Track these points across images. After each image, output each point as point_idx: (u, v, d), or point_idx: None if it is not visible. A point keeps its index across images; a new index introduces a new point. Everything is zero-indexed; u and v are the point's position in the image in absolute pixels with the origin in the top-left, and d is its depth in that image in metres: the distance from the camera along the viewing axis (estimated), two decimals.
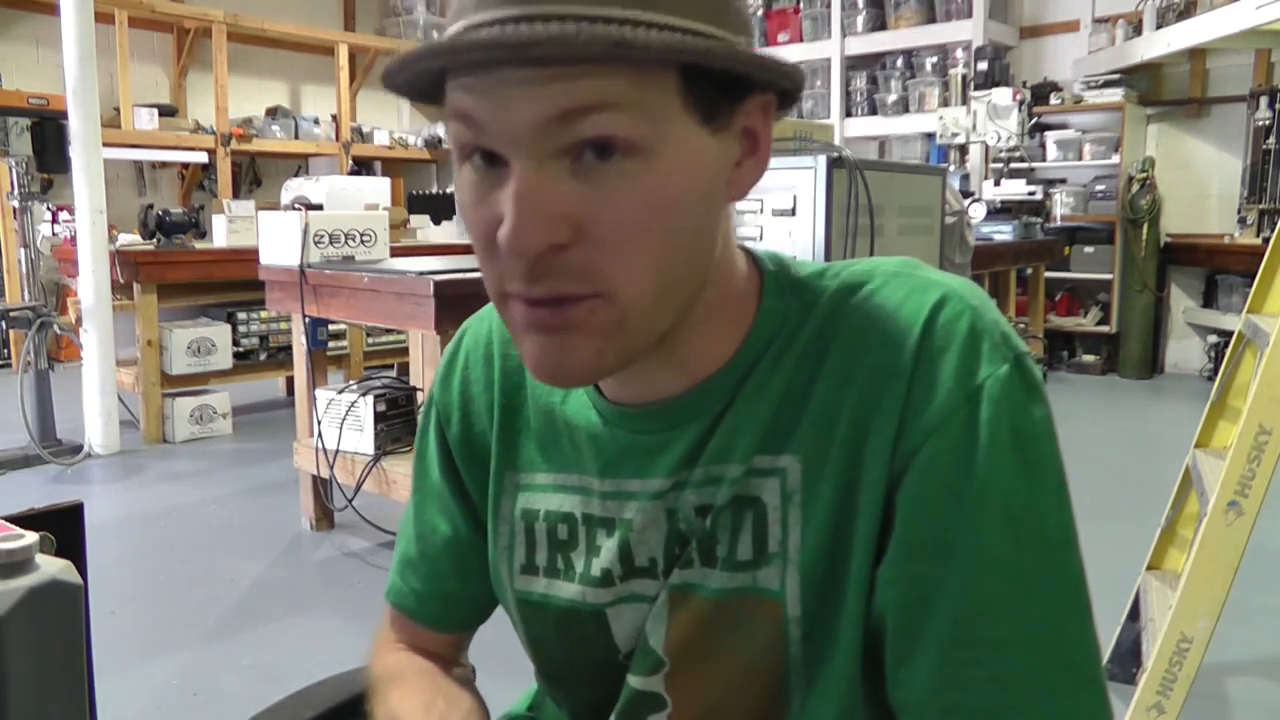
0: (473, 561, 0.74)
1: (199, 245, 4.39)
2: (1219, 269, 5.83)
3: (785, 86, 0.56)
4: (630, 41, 0.47)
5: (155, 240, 4.24)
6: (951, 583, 0.54)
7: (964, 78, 6.08)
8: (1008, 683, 0.53)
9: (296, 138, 7.11)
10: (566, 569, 0.67)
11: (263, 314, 4.60)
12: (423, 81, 0.53)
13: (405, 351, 4.90)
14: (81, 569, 0.66)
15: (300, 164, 7.55)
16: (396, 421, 2.92)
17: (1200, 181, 6.07)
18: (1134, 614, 2.06)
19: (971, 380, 0.55)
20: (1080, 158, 6.09)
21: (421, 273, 2.55)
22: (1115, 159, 5.91)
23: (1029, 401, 0.55)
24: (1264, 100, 5.38)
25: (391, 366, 5.06)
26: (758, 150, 0.58)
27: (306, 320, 2.97)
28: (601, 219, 0.51)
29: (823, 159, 2.33)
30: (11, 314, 3.93)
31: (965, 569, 0.54)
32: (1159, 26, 5.56)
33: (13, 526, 0.66)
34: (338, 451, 2.91)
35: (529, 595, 0.68)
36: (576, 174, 0.51)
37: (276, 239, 3.03)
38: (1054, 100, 6.17)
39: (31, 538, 0.62)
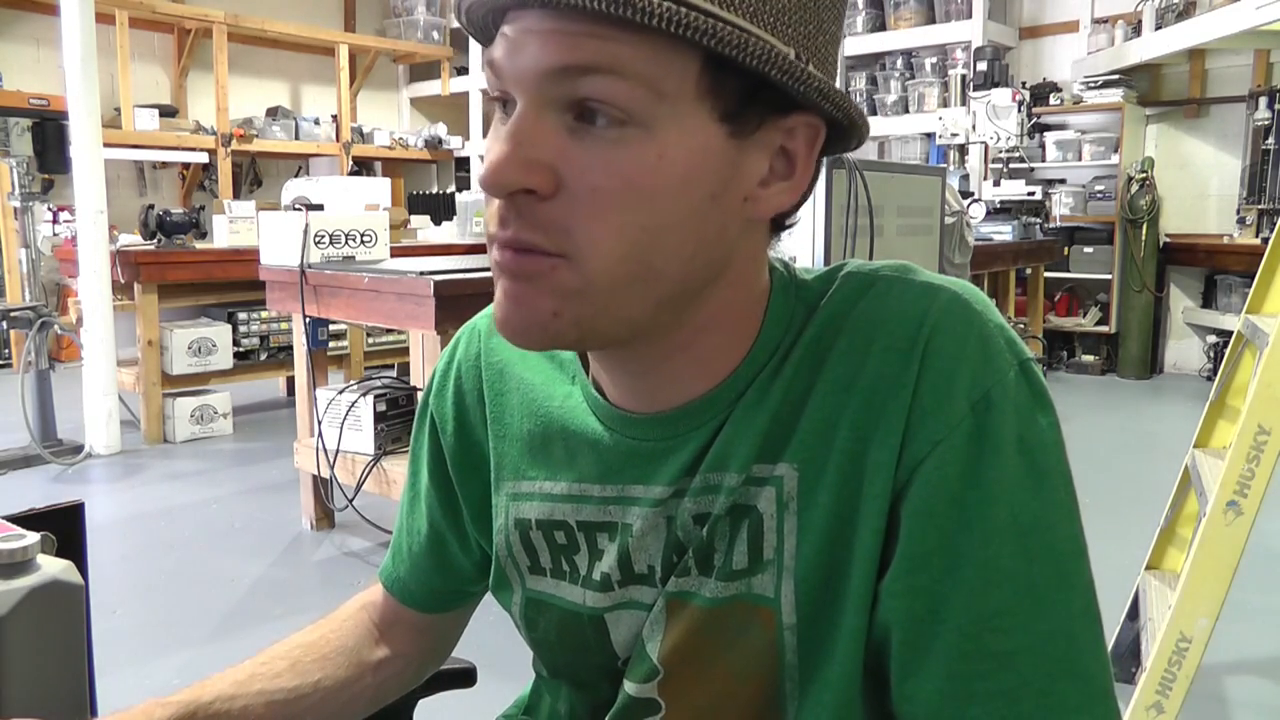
0: (456, 561, 0.77)
1: (200, 245, 4.39)
2: (1218, 269, 5.83)
3: (832, 114, 0.55)
4: (633, 2, 0.46)
5: (156, 240, 4.25)
6: (958, 595, 0.53)
7: (963, 78, 6.08)
8: (1017, 696, 0.52)
9: (297, 138, 7.11)
10: (571, 571, 0.66)
11: (263, 314, 4.61)
12: (485, 22, 0.55)
13: (405, 351, 4.91)
14: (82, 569, 0.66)
15: (301, 164, 7.55)
16: (397, 421, 2.92)
17: (1199, 182, 6.08)
18: (1133, 613, 2.06)
19: (976, 389, 0.53)
20: (1079, 158, 6.09)
21: (421, 273, 2.55)
22: (1114, 159, 5.91)
23: (1035, 409, 0.54)
24: (1263, 100, 5.38)
25: (391, 366, 5.07)
26: (793, 176, 0.56)
27: (307, 320, 2.97)
28: (581, 179, 0.51)
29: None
30: (12, 314, 3.93)
31: (973, 581, 0.53)
32: (1158, 27, 5.56)
33: (14, 526, 0.66)
34: (338, 451, 2.91)
35: (538, 595, 0.68)
36: (574, 132, 0.51)
37: (277, 239, 3.04)
38: (1053, 101, 6.17)
39: (33, 538, 0.62)
